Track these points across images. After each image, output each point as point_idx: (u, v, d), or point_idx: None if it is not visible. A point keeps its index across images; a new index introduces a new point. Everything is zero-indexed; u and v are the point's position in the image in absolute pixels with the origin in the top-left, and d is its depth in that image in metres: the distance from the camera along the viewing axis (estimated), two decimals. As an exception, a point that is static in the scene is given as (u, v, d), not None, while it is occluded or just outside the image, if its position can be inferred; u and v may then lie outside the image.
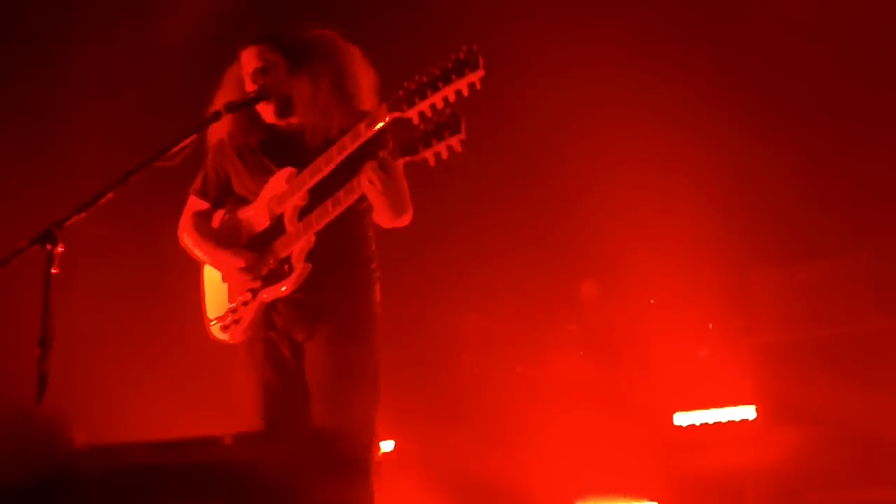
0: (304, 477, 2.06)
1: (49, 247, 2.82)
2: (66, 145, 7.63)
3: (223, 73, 3.45)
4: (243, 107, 3.20)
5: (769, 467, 5.31)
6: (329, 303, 3.16)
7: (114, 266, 7.61)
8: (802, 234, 7.14)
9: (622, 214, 8.30)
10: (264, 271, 3.18)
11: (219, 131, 3.37)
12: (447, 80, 2.76)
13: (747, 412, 5.74)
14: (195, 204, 3.50)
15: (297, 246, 3.10)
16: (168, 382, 7.42)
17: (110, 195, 2.91)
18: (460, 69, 2.74)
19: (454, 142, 2.76)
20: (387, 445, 6.97)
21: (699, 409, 6.24)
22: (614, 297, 7.43)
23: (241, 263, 3.21)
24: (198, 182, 3.50)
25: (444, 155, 2.83)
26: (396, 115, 2.90)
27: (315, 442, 2.79)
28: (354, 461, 3.04)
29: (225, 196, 3.41)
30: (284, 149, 3.21)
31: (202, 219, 3.46)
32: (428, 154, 2.80)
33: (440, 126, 2.77)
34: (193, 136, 3.03)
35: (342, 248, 3.20)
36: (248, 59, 3.28)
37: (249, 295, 3.19)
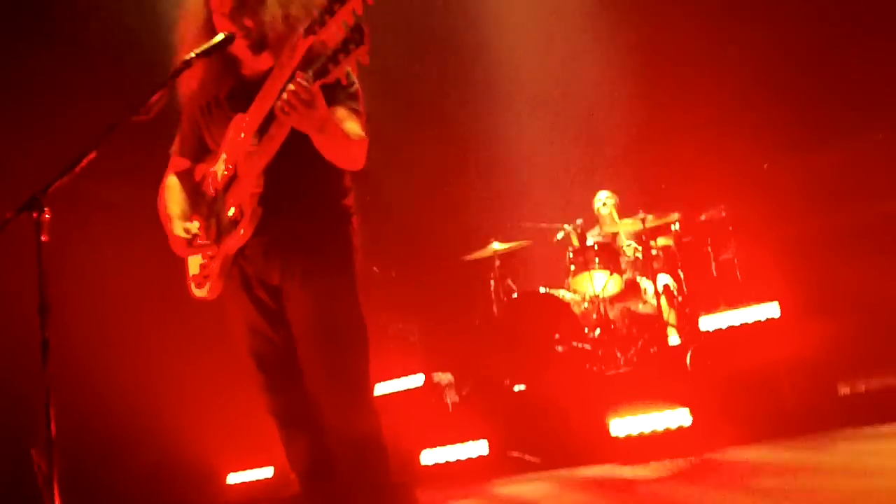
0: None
1: (35, 215, 2.80)
2: (43, 111, 7.59)
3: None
4: (215, 51, 3.11)
5: (797, 362, 5.27)
6: (297, 242, 3.08)
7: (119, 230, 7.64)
8: (819, 120, 7.02)
9: (643, 113, 8.23)
10: (223, 223, 3.12)
11: (190, 82, 3.30)
12: None
13: (771, 309, 5.68)
14: (175, 164, 3.43)
15: (246, 189, 3.03)
16: (173, 343, 7.48)
17: (91, 156, 2.89)
18: None
19: (360, 53, 2.67)
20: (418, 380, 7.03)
21: (723, 310, 6.20)
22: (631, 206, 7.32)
23: (183, 242, 3.14)
24: (176, 141, 3.44)
25: (354, 70, 2.79)
26: (311, 37, 2.83)
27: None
28: (350, 401, 3.03)
29: (204, 149, 3.35)
30: (249, 96, 3.10)
31: (183, 179, 3.40)
32: (338, 72, 2.70)
33: (345, 40, 2.68)
34: (165, 88, 2.99)
35: (307, 185, 3.10)
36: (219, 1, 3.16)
37: (214, 248, 3.14)
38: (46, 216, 2.79)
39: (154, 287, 7.14)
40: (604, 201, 7.85)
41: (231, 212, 3.08)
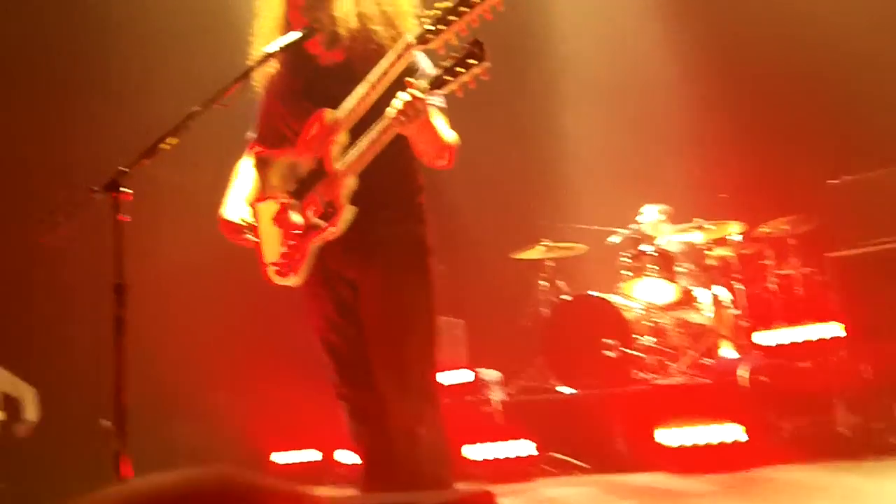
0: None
1: (115, 194, 2.86)
2: (128, 95, 7.78)
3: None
4: (293, 46, 3.17)
5: (854, 383, 5.20)
6: (377, 239, 3.14)
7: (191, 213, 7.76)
8: (880, 140, 6.93)
9: (706, 118, 8.17)
10: (311, 214, 3.16)
11: (267, 72, 3.37)
12: (469, 6, 2.71)
13: (830, 329, 5.61)
14: (252, 149, 3.51)
15: (339, 187, 3.07)
16: (232, 324, 7.58)
17: (172, 140, 2.95)
18: None
19: (480, 70, 2.70)
20: (467, 375, 7.02)
21: (780, 326, 6.14)
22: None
23: (285, 209, 3.21)
24: (253, 127, 3.52)
25: (472, 84, 2.79)
26: (422, 46, 2.85)
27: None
28: (416, 397, 3.06)
29: (280, 139, 3.40)
30: (327, 89, 3.15)
31: (257, 163, 3.46)
32: (454, 86, 2.75)
33: (466, 55, 2.71)
34: (244, 78, 3.08)
35: (388, 183, 3.15)
36: None
37: (299, 239, 3.19)
38: (126, 196, 2.86)
39: (217, 270, 7.25)
40: (655, 212, 7.81)
41: (320, 207, 3.10)
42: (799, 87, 7.85)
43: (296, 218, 3.19)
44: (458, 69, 2.72)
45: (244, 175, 3.47)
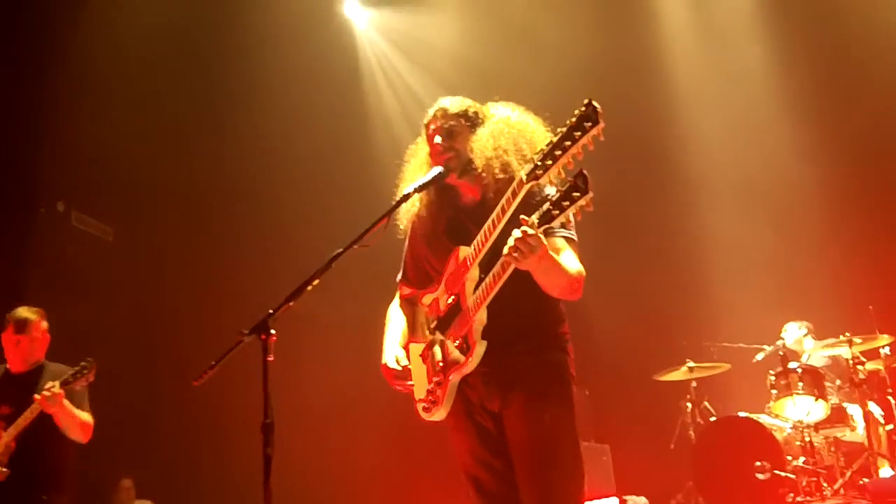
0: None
1: (263, 336, 3.00)
2: (271, 238, 8.17)
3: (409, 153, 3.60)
4: (431, 184, 3.31)
5: None
6: (518, 371, 3.19)
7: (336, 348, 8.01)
8: None
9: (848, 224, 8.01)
10: (450, 349, 3.27)
11: (412, 214, 3.52)
12: (573, 139, 2.79)
13: None
14: (401, 290, 3.69)
15: (472, 322, 3.16)
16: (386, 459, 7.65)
17: (315, 282, 3.09)
18: (582, 125, 2.78)
19: (584, 202, 2.77)
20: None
21: None
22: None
23: (392, 372, 3.37)
24: (401, 270, 3.68)
25: (578, 216, 2.86)
26: (533, 182, 2.93)
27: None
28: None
29: (425, 279, 3.53)
30: (467, 228, 3.27)
31: (407, 305, 3.63)
32: (563, 218, 2.82)
33: (570, 188, 2.79)
34: (385, 219, 3.21)
35: (526, 315, 3.22)
36: (432, 129, 3.39)
37: (441, 375, 3.29)
38: (273, 338, 3.00)
39: (357, 399, 7.41)
40: (797, 329, 7.65)
41: (457, 342, 3.21)
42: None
43: (437, 354, 3.31)
44: (564, 203, 2.80)
45: (395, 318, 3.62)
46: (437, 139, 3.35)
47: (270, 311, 3.02)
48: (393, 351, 3.47)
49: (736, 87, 9.15)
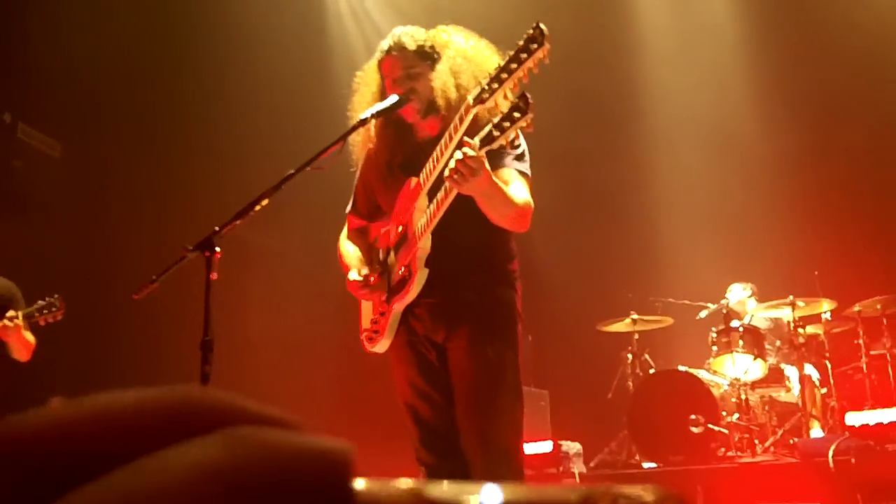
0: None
1: (207, 253, 2.95)
2: (223, 157, 8.06)
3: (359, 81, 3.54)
4: (389, 112, 3.26)
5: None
6: (466, 304, 3.18)
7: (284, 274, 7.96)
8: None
9: (800, 194, 8.08)
10: (393, 281, 3.24)
11: (367, 148, 3.48)
12: (519, 61, 2.78)
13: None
14: (351, 222, 3.65)
15: (415, 250, 3.14)
16: (328, 390, 7.66)
17: (264, 202, 3.05)
18: (528, 47, 2.77)
19: (525, 123, 2.75)
20: (549, 447, 6.94)
21: (872, 408, 5.99)
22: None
23: (357, 283, 3.31)
24: (351, 202, 3.64)
25: (517, 137, 2.88)
26: (479, 105, 2.92)
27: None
28: (501, 466, 3.05)
29: (377, 210, 3.50)
30: (421, 162, 3.23)
31: (357, 236, 3.59)
32: (503, 139, 2.79)
33: (511, 109, 2.77)
34: (340, 142, 3.16)
35: (477, 249, 3.22)
36: (391, 67, 3.34)
37: (385, 305, 3.27)
38: (218, 255, 2.95)
39: (302, 328, 7.39)
40: (741, 290, 7.73)
41: (401, 271, 3.19)
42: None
43: (381, 285, 3.29)
44: (505, 124, 2.77)
45: (351, 247, 3.57)
46: (397, 81, 3.30)
47: (216, 228, 2.99)
48: (355, 266, 3.42)
49: (700, 44, 9.13)
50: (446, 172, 2.85)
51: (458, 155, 2.79)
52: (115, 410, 0.45)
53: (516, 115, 2.76)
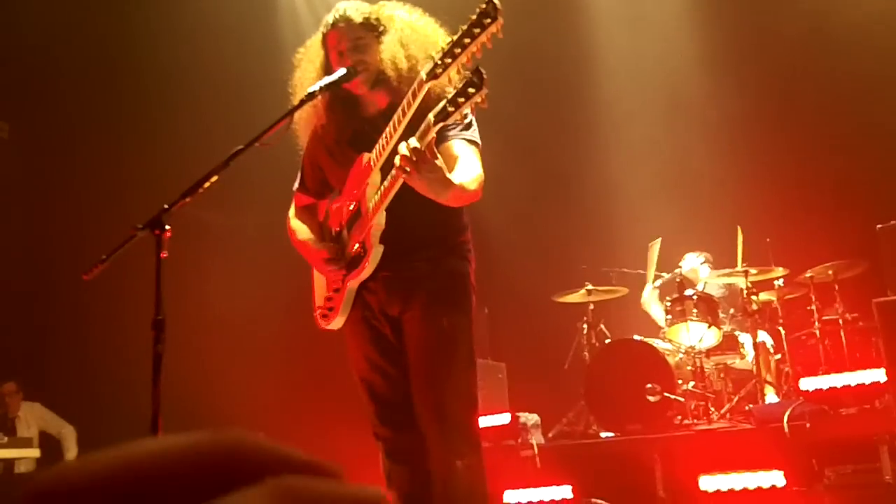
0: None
1: (157, 232, 2.91)
2: (174, 135, 7.97)
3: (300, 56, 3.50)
4: (338, 84, 3.22)
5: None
6: (420, 277, 3.18)
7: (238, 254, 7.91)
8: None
9: (750, 162, 8.15)
10: (347, 257, 3.22)
11: (313, 124, 3.43)
12: (472, 36, 2.75)
13: (876, 374, 5.51)
14: (298, 200, 3.61)
15: (370, 226, 3.12)
16: (281, 368, 7.64)
17: (213, 179, 3.00)
18: (481, 22, 2.74)
19: (479, 98, 2.73)
20: (506, 419, 6.96)
21: (825, 372, 6.07)
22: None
23: (324, 254, 3.29)
24: (298, 179, 3.60)
25: (473, 112, 2.85)
26: (433, 80, 2.89)
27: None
28: (456, 438, 3.06)
29: (325, 187, 3.47)
30: (372, 137, 3.20)
31: (306, 213, 3.55)
32: (457, 115, 2.77)
33: (465, 84, 2.75)
34: (288, 117, 3.12)
35: (429, 223, 3.20)
36: (337, 39, 3.29)
37: (339, 282, 3.24)
38: (168, 234, 2.91)
39: (254, 307, 7.34)
40: (695, 258, 7.79)
41: (355, 248, 3.17)
42: (848, 130, 7.80)
43: (334, 263, 3.26)
44: (459, 99, 2.75)
45: (302, 223, 3.53)
46: (345, 53, 3.25)
47: (165, 206, 2.95)
48: (313, 242, 3.40)
49: (649, 8, 9.16)
50: (396, 161, 2.81)
51: (402, 148, 2.77)
52: (159, 458, 0.43)
53: (471, 90, 2.74)
